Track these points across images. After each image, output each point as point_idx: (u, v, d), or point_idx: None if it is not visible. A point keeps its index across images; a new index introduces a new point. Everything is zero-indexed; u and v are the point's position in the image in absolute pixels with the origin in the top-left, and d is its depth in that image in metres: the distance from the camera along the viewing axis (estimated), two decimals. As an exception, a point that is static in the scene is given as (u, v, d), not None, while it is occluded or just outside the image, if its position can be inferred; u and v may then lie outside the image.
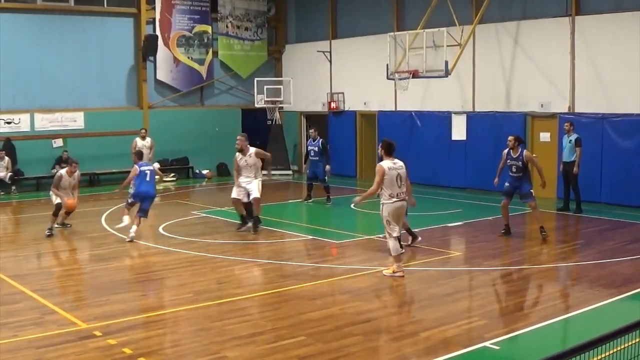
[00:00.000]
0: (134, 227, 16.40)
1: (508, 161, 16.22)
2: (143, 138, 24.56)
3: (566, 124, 19.86)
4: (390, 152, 12.77)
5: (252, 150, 17.29)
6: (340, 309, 10.92)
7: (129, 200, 17.19)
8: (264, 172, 19.37)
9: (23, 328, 9.99)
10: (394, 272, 12.73)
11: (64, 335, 9.68)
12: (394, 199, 12.57)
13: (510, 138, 16.28)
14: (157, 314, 10.91)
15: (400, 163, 12.73)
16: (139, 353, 8.94)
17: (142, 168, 17.11)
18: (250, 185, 17.19)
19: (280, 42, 32.73)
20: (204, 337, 9.67)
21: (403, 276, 12.64)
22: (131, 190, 17.65)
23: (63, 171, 17.80)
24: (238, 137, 17.45)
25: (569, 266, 13.97)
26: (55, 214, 17.38)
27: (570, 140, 19.45)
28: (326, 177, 21.63)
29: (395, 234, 12.71)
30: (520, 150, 16.09)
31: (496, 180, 16.60)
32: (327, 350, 9.03)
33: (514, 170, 16.15)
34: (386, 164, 12.58)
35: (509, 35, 23.29)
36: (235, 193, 17.38)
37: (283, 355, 8.87)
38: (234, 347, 9.17)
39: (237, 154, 17.29)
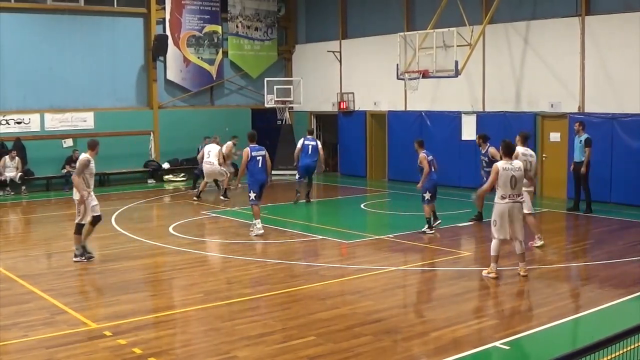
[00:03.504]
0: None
1: (481, 156, 18.13)
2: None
3: (576, 125, 19.83)
4: (508, 153, 12.62)
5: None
6: (350, 309, 10.92)
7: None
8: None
9: (33, 328, 10.02)
10: (488, 273, 12.70)
11: (74, 335, 9.71)
12: (506, 200, 12.42)
13: (476, 136, 18.80)
14: (167, 314, 10.93)
15: (518, 165, 12.59)
16: (149, 353, 8.96)
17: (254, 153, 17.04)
18: None
19: (291, 42, 32.75)
20: (214, 337, 9.69)
21: (496, 278, 12.53)
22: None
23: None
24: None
25: (579, 266, 13.95)
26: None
27: (581, 140, 19.41)
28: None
29: (499, 237, 12.54)
30: (487, 147, 17.84)
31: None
32: (337, 350, 9.03)
33: (483, 165, 17.86)
34: (501, 164, 12.47)
35: (518, 35, 23.26)
36: None
37: (293, 355, 8.88)
38: (244, 347, 9.19)
39: None
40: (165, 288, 12.98)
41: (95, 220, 14.37)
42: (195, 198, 22.70)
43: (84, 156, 14.26)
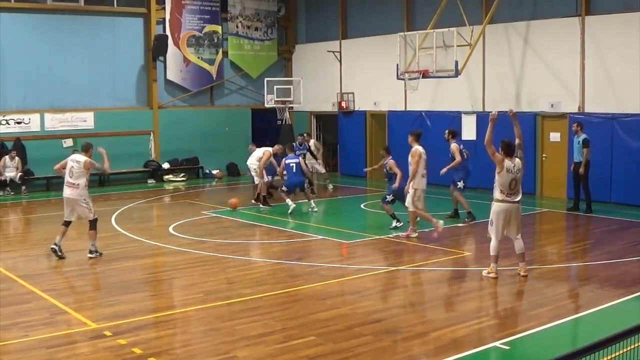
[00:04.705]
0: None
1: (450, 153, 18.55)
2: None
3: (574, 125, 19.87)
4: (510, 153, 12.53)
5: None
6: (350, 309, 10.92)
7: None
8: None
9: (33, 328, 10.03)
10: (488, 272, 12.72)
11: (74, 335, 9.72)
12: (504, 200, 12.44)
13: (445, 132, 19.17)
14: (167, 314, 10.93)
15: (519, 166, 12.53)
16: (149, 353, 8.96)
17: (288, 161, 20.54)
18: None
19: (291, 42, 32.75)
20: (214, 337, 9.69)
21: (496, 277, 12.55)
22: None
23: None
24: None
25: (579, 266, 13.95)
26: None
27: (579, 141, 19.43)
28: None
29: (494, 237, 12.58)
30: (453, 142, 18.58)
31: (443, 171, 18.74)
32: (337, 350, 9.03)
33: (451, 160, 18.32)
34: (507, 163, 12.40)
35: (518, 35, 23.26)
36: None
37: (293, 355, 8.88)
38: (244, 347, 9.19)
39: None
40: (165, 288, 12.98)
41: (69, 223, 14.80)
42: (261, 206, 21.31)
43: (88, 159, 14.64)
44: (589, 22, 21.41)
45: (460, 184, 18.39)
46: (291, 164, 20.39)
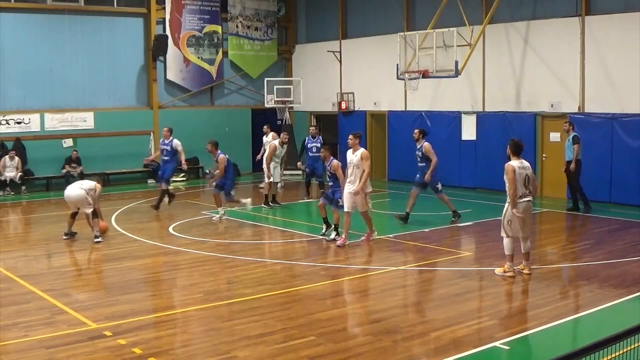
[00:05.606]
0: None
1: (416, 152, 18.30)
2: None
3: (565, 124, 19.90)
4: (518, 152, 12.61)
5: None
6: (350, 309, 10.94)
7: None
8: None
9: (33, 328, 10.02)
10: (504, 271, 12.72)
11: (74, 335, 9.70)
12: (522, 199, 12.47)
13: (415, 131, 18.56)
14: (167, 314, 10.93)
15: (527, 164, 12.65)
16: (149, 353, 8.96)
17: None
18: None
19: (291, 42, 32.75)
20: (214, 337, 9.69)
21: (514, 276, 12.58)
22: None
23: None
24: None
25: (579, 266, 13.94)
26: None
27: (569, 138, 19.44)
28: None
29: (512, 235, 12.58)
30: (422, 142, 18.10)
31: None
32: (337, 350, 9.03)
33: (418, 160, 18.25)
34: (515, 163, 12.46)
35: (519, 35, 23.25)
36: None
37: (293, 355, 8.88)
38: (244, 347, 9.19)
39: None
40: (165, 288, 12.98)
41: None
42: (263, 205, 21.25)
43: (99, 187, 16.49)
44: (589, 22, 21.41)
45: (439, 186, 18.25)
46: (231, 161, 20.50)
